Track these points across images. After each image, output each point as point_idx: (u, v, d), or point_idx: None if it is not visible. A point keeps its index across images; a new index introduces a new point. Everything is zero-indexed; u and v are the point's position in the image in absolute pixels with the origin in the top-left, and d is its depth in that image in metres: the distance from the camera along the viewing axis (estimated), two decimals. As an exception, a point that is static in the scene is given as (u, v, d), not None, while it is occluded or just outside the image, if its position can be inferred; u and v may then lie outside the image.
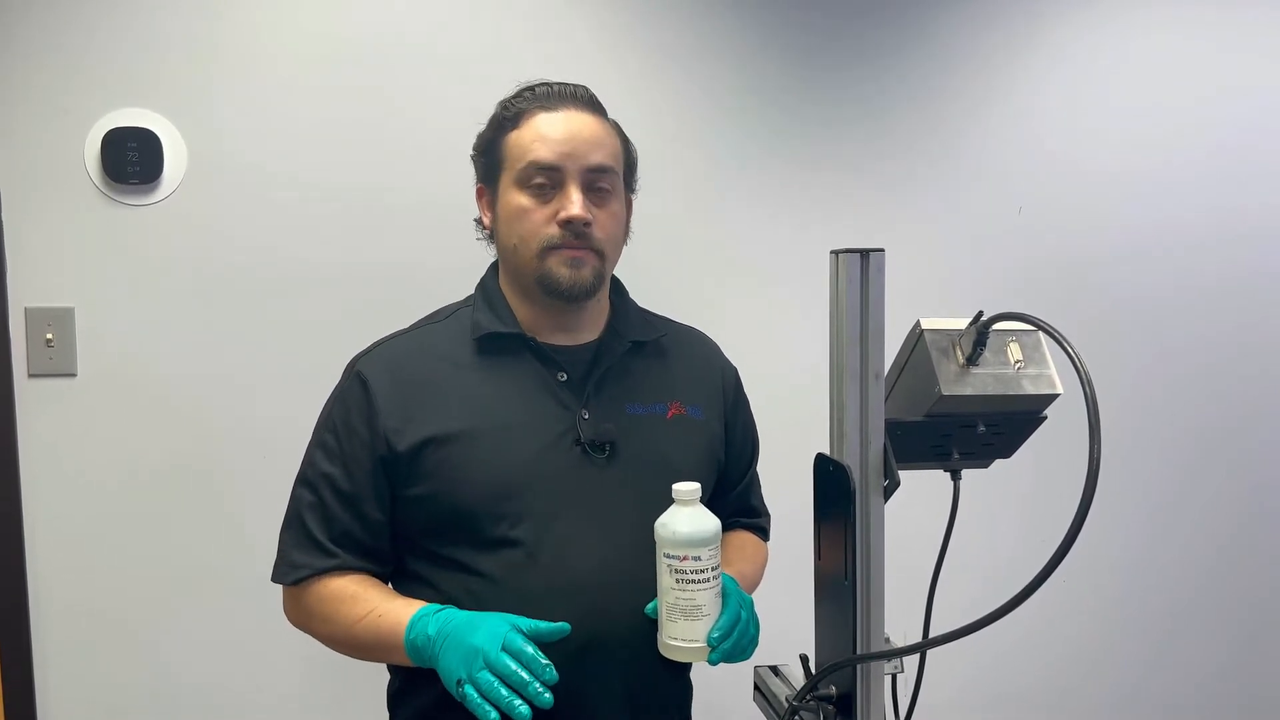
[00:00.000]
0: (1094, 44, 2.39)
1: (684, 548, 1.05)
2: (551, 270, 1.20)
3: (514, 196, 1.21)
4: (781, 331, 2.21)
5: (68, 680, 1.96)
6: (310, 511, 1.23)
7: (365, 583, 1.22)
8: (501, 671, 1.03)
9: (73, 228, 1.91)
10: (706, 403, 1.34)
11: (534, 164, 1.19)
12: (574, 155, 1.20)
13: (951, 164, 2.34)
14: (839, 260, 1.00)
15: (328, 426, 1.25)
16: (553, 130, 1.20)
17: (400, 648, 1.14)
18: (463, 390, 1.21)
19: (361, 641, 1.18)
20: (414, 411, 1.20)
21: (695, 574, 1.06)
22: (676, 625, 1.08)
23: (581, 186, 1.20)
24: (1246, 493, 2.59)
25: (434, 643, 1.09)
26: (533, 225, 1.20)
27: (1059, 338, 0.88)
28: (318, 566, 1.21)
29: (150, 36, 1.91)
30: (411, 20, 2.02)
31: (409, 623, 1.13)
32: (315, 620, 1.23)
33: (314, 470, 1.24)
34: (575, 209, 1.18)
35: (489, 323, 1.25)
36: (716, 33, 2.18)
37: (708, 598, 1.07)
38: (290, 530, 1.25)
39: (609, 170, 1.23)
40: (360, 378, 1.23)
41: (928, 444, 1.06)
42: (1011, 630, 1.58)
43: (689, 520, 1.06)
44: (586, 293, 1.22)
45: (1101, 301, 2.45)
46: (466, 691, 1.03)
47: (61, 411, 1.93)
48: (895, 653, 0.95)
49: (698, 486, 1.09)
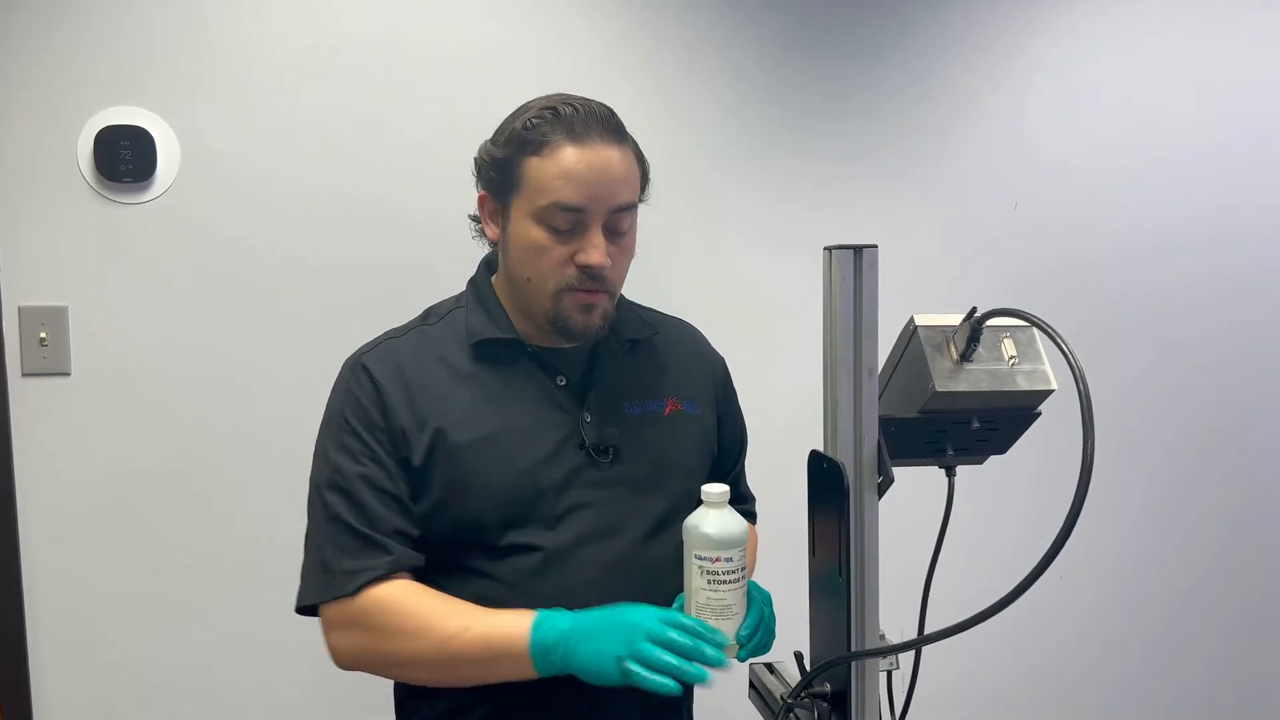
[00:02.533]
0: (1092, 41, 2.39)
1: (715, 549, 1.06)
2: (565, 313, 1.17)
3: (531, 230, 1.16)
4: (776, 328, 2.20)
5: (63, 678, 1.96)
6: (353, 514, 1.15)
7: (442, 596, 1.14)
8: (671, 642, 1.02)
9: (66, 226, 1.90)
10: (700, 396, 1.34)
11: (557, 204, 1.14)
12: (599, 198, 1.14)
13: (947, 160, 2.34)
14: (832, 256, 0.99)
15: (344, 428, 1.18)
16: (579, 170, 1.13)
17: (519, 654, 1.07)
18: (464, 398, 1.19)
19: (464, 655, 1.09)
20: (421, 416, 1.17)
21: (726, 575, 1.07)
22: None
23: (603, 227, 1.16)
24: (1246, 491, 2.59)
25: (569, 637, 1.05)
26: (550, 264, 1.16)
27: (1052, 333, 0.88)
28: (382, 566, 1.13)
29: (143, 34, 1.90)
30: (405, 18, 2.01)
31: (534, 624, 1.08)
32: (389, 639, 1.12)
33: (343, 475, 1.16)
34: (596, 256, 1.15)
35: (484, 328, 1.23)
36: (713, 28, 2.18)
37: (736, 597, 1.08)
38: (331, 541, 1.15)
39: (631, 207, 1.20)
40: (369, 374, 1.19)
41: (922, 440, 1.05)
42: (1007, 627, 1.57)
43: (720, 522, 1.07)
44: (595, 335, 1.21)
45: (1099, 300, 2.45)
46: (632, 668, 1.01)
47: (55, 410, 1.92)
48: (890, 649, 0.94)
49: (727, 489, 1.09)
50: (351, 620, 1.14)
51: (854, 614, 0.99)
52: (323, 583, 1.15)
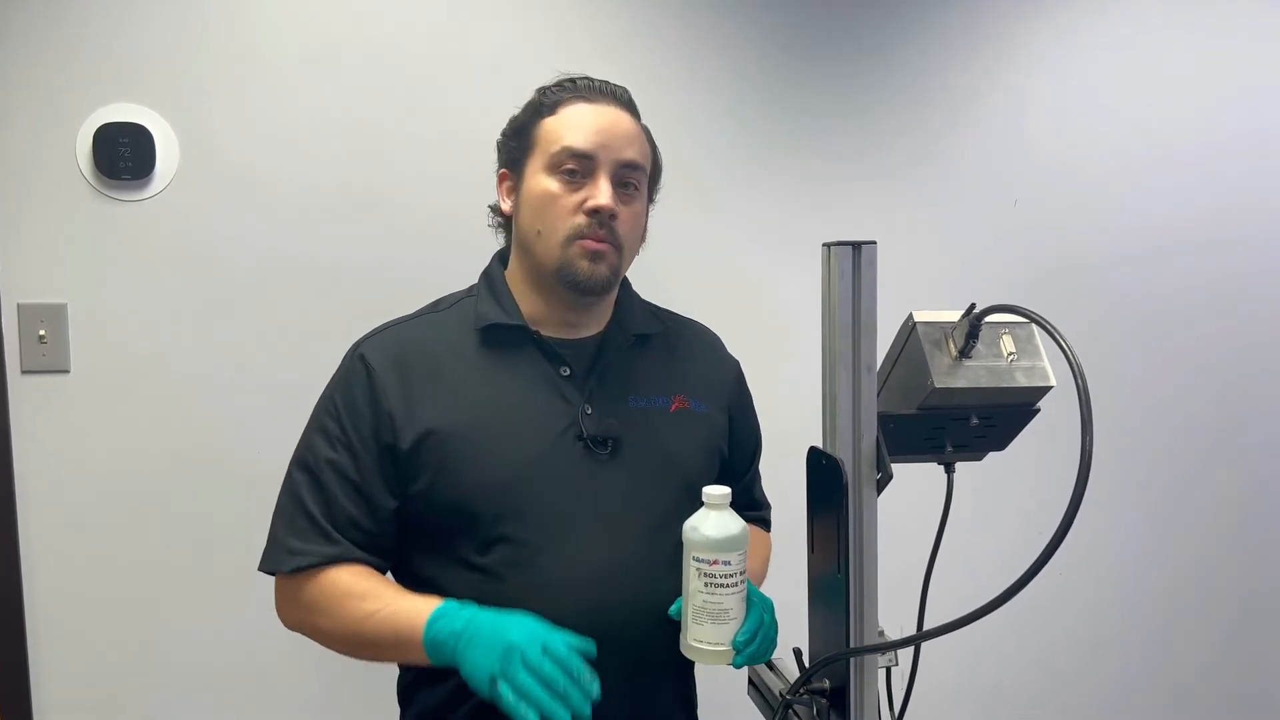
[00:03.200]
0: (1092, 40, 2.39)
1: (713, 551, 1.06)
2: (573, 261, 1.18)
3: (542, 181, 1.20)
4: (775, 324, 2.20)
5: (63, 674, 1.96)
6: (311, 496, 1.18)
7: (373, 577, 1.18)
8: (544, 674, 1.00)
9: (65, 224, 1.90)
10: (710, 396, 1.33)
11: (567, 149, 1.18)
12: (609, 147, 1.19)
13: (947, 160, 2.33)
14: (831, 253, 0.99)
15: (328, 411, 1.21)
16: (590, 120, 1.20)
17: (418, 643, 1.09)
18: (465, 383, 1.20)
19: (372, 638, 1.13)
20: (416, 400, 1.18)
21: (724, 578, 1.06)
22: (703, 628, 1.08)
23: (612, 180, 1.19)
24: (1245, 490, 2.59)
25: (459, 638, 1.05)
26: (559, 212, 1.18)
27: (1051, 329, 0.88)
28: (321, 555, 1.17)
29: (142, 32, 1.90)
30: (404, 17, 2.01)
31: (430, 617, 1.09)
32: (316, 614, 1.18)
33: (314, 456, 1.20)
34: (604, 199, 1.17)
35: (493, 313, 1.23)
36: (713, 28, 2.18)
37: (734, 601, 1.07)
38: (285, 516, 1.20)
39: (639, 168, 1.22)
40: (364, 360, 1.20)
41: (921, 437, 1.06)
42: (1006, 623, 1.58)
43: (719, 524, 1.06)
44: (602, 288, 1.21)
45: (1098, 299, 2.45)
46: (502, 690, 1.00)
47: (55, 408, 1.92)
48: (888, 646, 0.94)
49: (728, 491, 1.09)
50: (289, 592, 1.21)
51: (853, 610, 0.99)
52: (269, 554, 1.21)
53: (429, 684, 1.22)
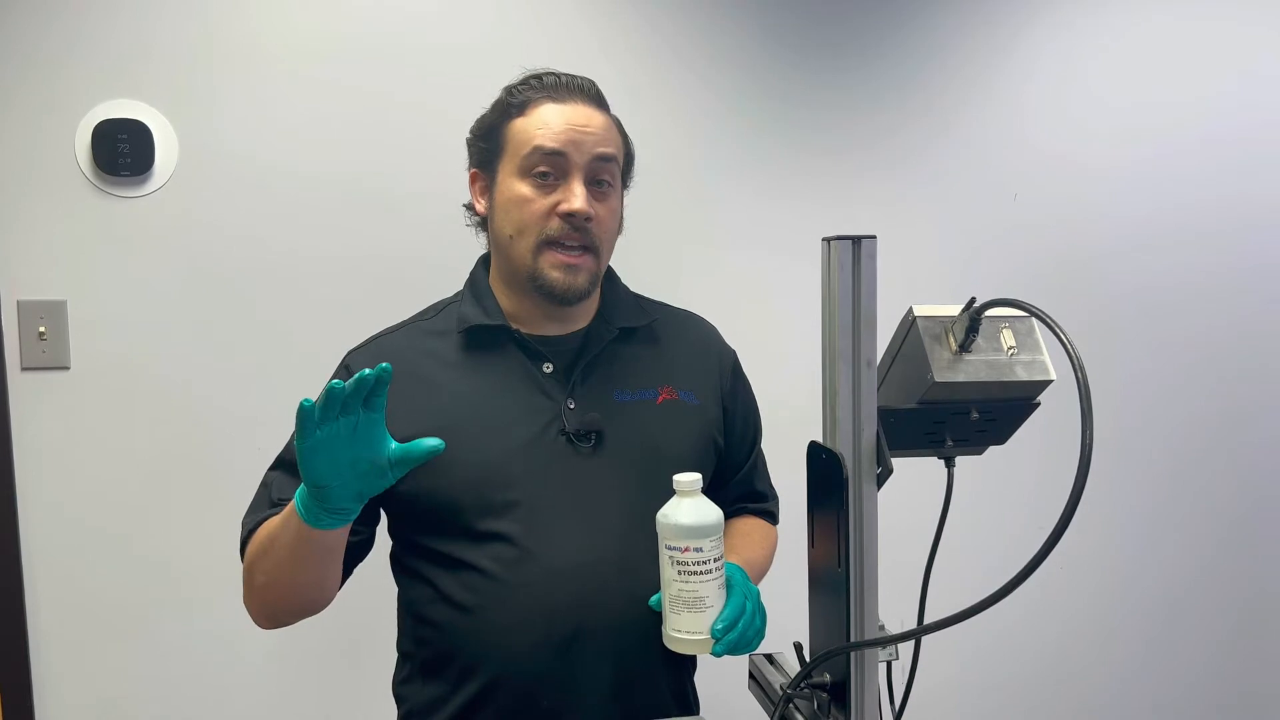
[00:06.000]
0: (1091, 33, 2.38)
1: (685, 538, 1.05)
2: (545, 273, 1.19)
3: (514, 184, 1.20)
4: (776, 319, 2.20)
5: (64, 672, 1.97)
6: (277, 490, 1.20)
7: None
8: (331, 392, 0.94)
9: (64, 220, 1.90)
10: (702, 387, 1.32)
11: (539, 149, 1.18)
12: (579, 144, 1.19)
13: (947, 152, 2.33)
14: (830, 247, 0.99)
15: None
16: (559, 119, 1.19)
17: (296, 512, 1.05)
18: (447, 386, 1.21)
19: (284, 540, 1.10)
20: (398, 407, 1.16)
21: (697, 565, 1.05)
22: (680, 617, 1.07)
23: (585, 178, 1.19)
24: (1245, 486, 2.59)
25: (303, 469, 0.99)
26: (532, 216, 1.19)
27: (1051, 323, 0.88)
28: (261, 517, 1.18)
29: (141, 27, 1.90)
30: (404, 12, 2.01)
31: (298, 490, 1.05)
32: (255, 572, 1.16)
33: (289, 454, 1.21)
34: (578, 202, 1.17)
35: (474, 316, 1.24)
36: (710, 22, 2.17)
37: (711, 589, 1.06)
38: (253, 505, 1.24)
39: (611, 159, 1.22)
40: (348, 371, 1.23)
41: (921, 431, 1.05)
42: (1007, 618, 1.58)
43: (690, 511, 1.06)
44: (579, 297, 1.22)
45: (1098, 293, 2.45)
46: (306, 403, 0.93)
47: (55, 405, 1.92)
48: (888, 640, 0.94)
49: (698, 477, 1.08)
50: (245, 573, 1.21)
51: (853, 604, 0.98)
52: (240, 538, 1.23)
53: (422, 681, 1.23)
